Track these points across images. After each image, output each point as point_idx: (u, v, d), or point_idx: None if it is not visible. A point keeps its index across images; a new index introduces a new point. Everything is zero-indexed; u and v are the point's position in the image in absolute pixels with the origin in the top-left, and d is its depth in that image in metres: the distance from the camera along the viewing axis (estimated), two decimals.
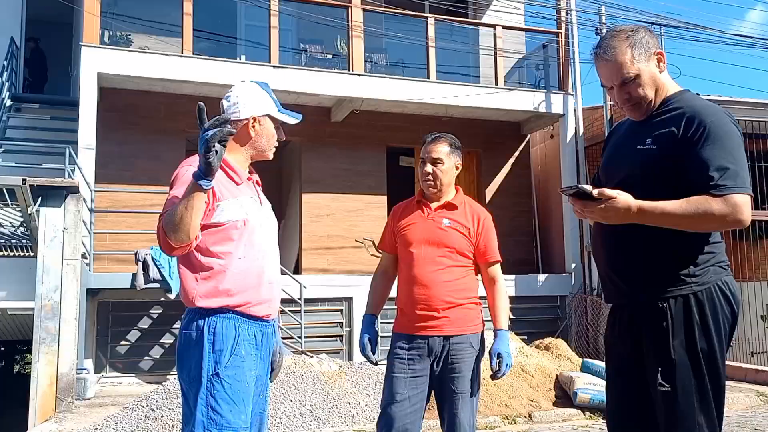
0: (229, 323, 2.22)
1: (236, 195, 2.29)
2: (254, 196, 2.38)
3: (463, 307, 2.97)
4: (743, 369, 8.52)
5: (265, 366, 2.34)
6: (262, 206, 2.40)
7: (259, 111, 2.38)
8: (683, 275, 2.09)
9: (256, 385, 2.29)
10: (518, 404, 6.58)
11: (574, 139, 11.01)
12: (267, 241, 2.37)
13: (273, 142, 2.46)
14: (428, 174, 3.05)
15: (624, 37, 2.15)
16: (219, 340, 2.19)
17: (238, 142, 2.37)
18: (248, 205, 2.31)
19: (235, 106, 2.35)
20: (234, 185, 2.30)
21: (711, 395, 2.06)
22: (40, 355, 6.71)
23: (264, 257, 2.33)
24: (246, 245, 2.28)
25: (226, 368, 2.17)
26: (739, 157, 2.03)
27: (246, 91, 2.39)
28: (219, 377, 2.16)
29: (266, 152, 2.45)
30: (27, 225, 7.18)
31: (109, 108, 9.38)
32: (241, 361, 2.21)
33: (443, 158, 3.04)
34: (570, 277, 10.76)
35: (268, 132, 2.41)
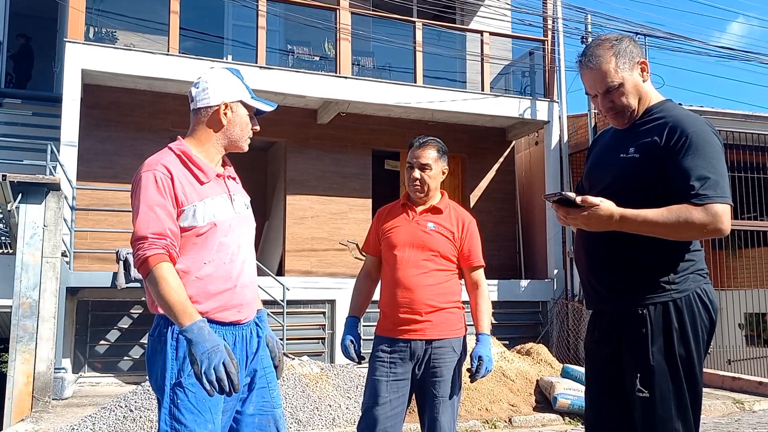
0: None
1: (202, 196, 2.16)
2: (224, 193, 2.24)
3: (446, 311, 2.98)
4: (720, 376, 8.62)
5: (246, 369, 2.23)
6: (234, 203, 2.26)
7: (231, 96, 2.24)
8: (663, 282, 2.11)
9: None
10: (498, 409, 6.61)
11: (558, 146, 11.09)
12: (240, 242, 2.25)
13: (247, 132, 2.30)
14: (416, 180, 3.05)
15: (608, 46, 2.17)
16: (182, 347, 2.07)
17: (209, 132, 2.24)
18: (216, 206, 2.18)
19: (204, 92, 2.22)
20: (199, 185, 2.18)
21: (688, 401, 2.09)
22: (16, 354, 6.62)
23: (235, 260, 2.21)
24: (213, 249, 2.16)
25: (189, 376, 2.05)
26: (720, 167, 2.06)
27: (216, 76, 2.25)
28: (182, 386, 2.06)
29: (240, 142, 2.29)
30: (6, 221, 7.10)
31: (93, 105, 9.30)
32: None
33: (431, 164, 3.05)
34: (552, 282, 10.82)
35: (241, 120, 2.26)
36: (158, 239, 2.05)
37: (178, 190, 2.11)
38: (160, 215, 2.08)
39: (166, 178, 2.11)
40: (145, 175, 2.13)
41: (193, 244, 2.13)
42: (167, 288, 2.00)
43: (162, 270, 2.02)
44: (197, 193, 2.15)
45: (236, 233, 2.23)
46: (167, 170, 2.13)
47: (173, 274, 2.04)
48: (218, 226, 2.17)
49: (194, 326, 1.97)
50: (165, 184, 2.11)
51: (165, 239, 2.06)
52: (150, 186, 2.09)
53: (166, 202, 2.09)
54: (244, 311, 2.23)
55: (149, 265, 2.02)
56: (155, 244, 2.04)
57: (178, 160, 2.18)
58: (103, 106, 9.47)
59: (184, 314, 1.98)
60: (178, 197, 2.11)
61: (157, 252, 2.04)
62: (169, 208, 2.09)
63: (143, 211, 2.07)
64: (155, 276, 2.01)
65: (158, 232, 2.06)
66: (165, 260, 2.04)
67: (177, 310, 1.99)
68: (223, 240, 2.18)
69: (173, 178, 2.12)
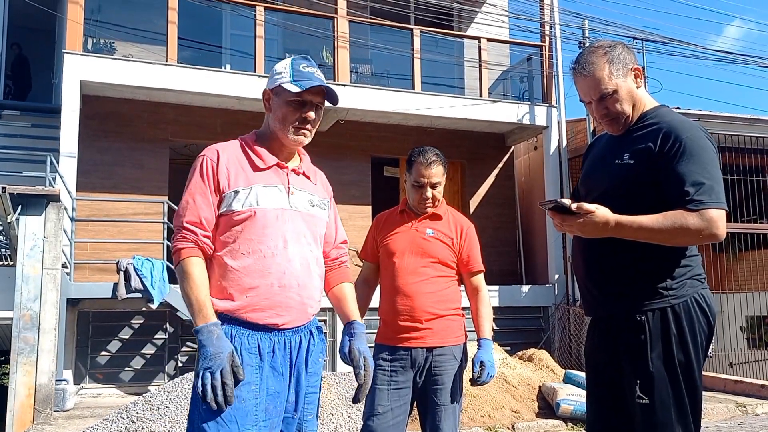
0: (225, 331, 1.98)
1: (251, 182, 2.06)
2: (281, 184, 2.10)
3: (447, 319, 2.98)
4: (722, 380, 8.60)
5: (285, 380, 2.05)
6: (291, 196, 2.11)
7: (273, 82, 2.13)
8: (660, 288, 2.12)
9: (274, 403, 2.02)
10: (501, 415, 6.59)
11: (557, 150, 11.11)
12: (289, 237, 2.07)
13: (290, 121, 2.10)
14: (428, 199, 3.04)
15: (602, 53, 2.18)
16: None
17: (265, 122, 2.19)
18: (264, 194, 2.05)
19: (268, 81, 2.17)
20: (251, 171, 2.08)
21: (688, 407, 2.09)
22: (18, 366, 6.61)
23: (278, 254, 2.04)
24: (252, 239, 2.03)
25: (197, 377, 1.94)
26: (714, 172, 2.06)
27: (277, 65, 2.17)
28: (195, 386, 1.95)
29: (283, 133, 2.12)
30: (6, 233, 7.10)
31: (92, 116, 9.32)
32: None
33: (441, 180, 3.07)
34: (553, 288, 10.81)
35: (279, 108, 2.11)
36: (190, 232, 2.02)
37: (221, 174, 2.05)
38: (198, 203, 2.04)
39: (213, 163, 2.06)
40: (197, 161, 2.10)
41: (233, 231, 2.04)
42: (190, 284, 1.97)
43: (188, 265, 1.99)
44: (247, 178, 2.07)
45: (285, 227, 2.08)
46: (216, 154, 2.08)
47: (199, 271, 2.00)
48: (259, 214, 2.04)
49: (204, 329, 1.92)
50: (210, 169, 2.06)
51: (197, 231, 2.03)
52: (196, 172, 2.07)
53: (206, 189, 2.04)
54: (286, 315, 2.05)
55: (179, 257, 2.01)
56: (187, 237, 2.02)
57: (239, 146, 2.13)
58: (102, 117, 9.48)
59: (199, 314, 1.95)
60: (220, 181, 2.04)
61: (187, 246, 2.01)
62: (208, 195, 2.04)
63: (184, 198, 2.06)
64: (182, 270, 2.00)
65: (192, 221, 2.02)
66: (194, 254, 2.00)
67: (194, 308, 1.96)
68: (266, 231, 2.04)
69: (219, 162, 2.06)
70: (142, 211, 9.41)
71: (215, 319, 1.95)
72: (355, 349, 2.20)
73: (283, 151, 2.17)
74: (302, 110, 2.10)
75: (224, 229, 2.05)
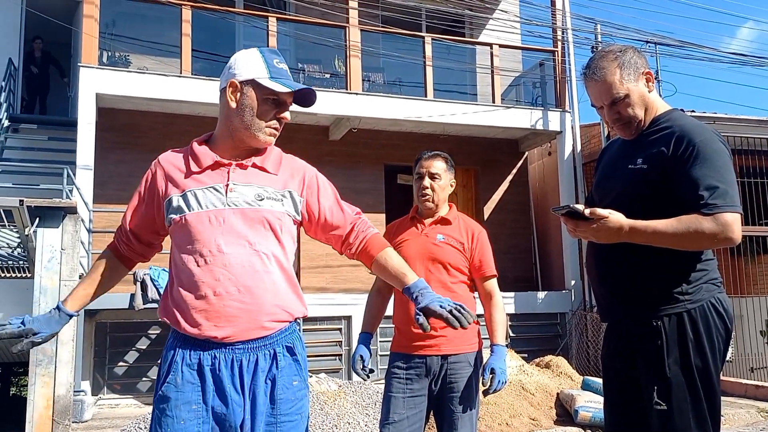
0: (170, 345, 1.90)
1: (183, 188, 1.91)
2: (219, 183, 1.90)
3: None
4: (743, 385, 8.48)
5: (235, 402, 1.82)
6: (229, 193, 1.89)
7: (243, 75, 1.91)
8: (676, 293, 2.10)
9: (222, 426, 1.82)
10: (519, 423, 6.53)
11: (571, 156, 11.05)
12: (222, 241, 1.85)
13: (264, 119, 1.91)
14: (426, 188, 3.04)
15: (613, 57, 2.17)
16: (161, 365, 1.91)
17: (222, 117, 1.97)
18: (194, 198, 1.89)
19: (225, 72, 1.97)
20: (185, 175, 1.94)
21: (707, 412, 2.06)
22: (36, 378, 6.67)
23: (212, 261, 1.84)
24: (184, 247, 1.87)
25: (157, 399, 1.85)
26: (728, 175, 2.04)
27: (240, 55, 1.98)
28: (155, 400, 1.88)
29: (252, 131, 1.91)
30: (24, 246, 7.17)
31: (108, 128, 9.41)
32: (174, 391, 1.83)
33: (441, 174, 3.06)
34: (570, 294, 10.74)
35: (252, 104, 1.90)
36: (118, 231, 2.16)
37: (159, 184, 1.99)
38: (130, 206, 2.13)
39: (151, 173, 2.07)
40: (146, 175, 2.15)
41: (174, 241, 1.96)
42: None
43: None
44: (178, 185, 1.93)
45: (220, 229, 1.86)
46: (158, 163, 2.06)
47: (97, 262, 2.13)
48: (188, 219, 1.88)
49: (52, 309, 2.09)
50: (147, 179, 2.08)
51: (119, 233, 2.15)
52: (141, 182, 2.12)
53: (136, 199, 2.10)
54: (227, 327, 1.82)
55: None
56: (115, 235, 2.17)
57: (185, 151, 2.04)
58: (118, 129, 9.58)
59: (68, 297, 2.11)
60: (157, 191, 1.99)
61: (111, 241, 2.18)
62: (135, 203, 2.09)
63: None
64: None
65: (120, 225, 2.15)
66: (106, 249, 2.16)
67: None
68: (198, 237, 1.86)
69: (156, 172, 2.03)
70: None
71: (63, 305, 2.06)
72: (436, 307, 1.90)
73: (239, 149, 1.96)
74: (278, 110, 1.95)
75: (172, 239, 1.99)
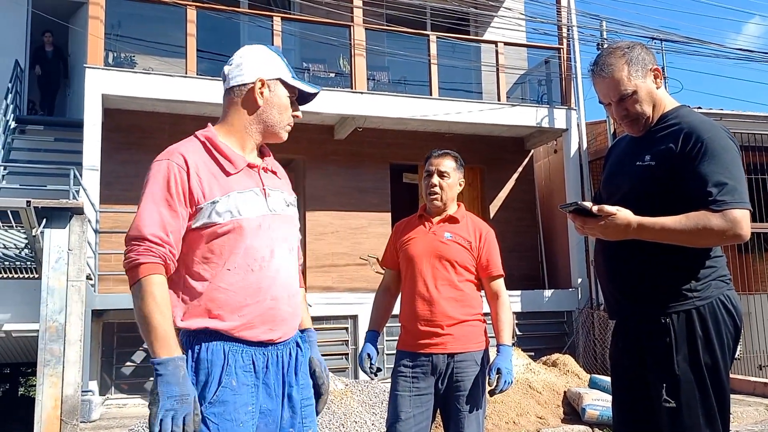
0: (217, 348, 1.80)
1: (226, 190, 1.84)
2: (256, 187, 1.90)
3: (467, 324, 2.96)
4: (752, 382, 8.44)
5: (278, 398, 1.88)
6: (268, 199, 1.91)
7: (269, 73, 1.93)
8: (685, 290, 2.09)
9: (265, 422, 1.85)
10: (526, 421, 6.52)
11: (577, 153, 11.02)
12: (274, 246, 1.88)
13: (287, 118, 1.97)
14: (434, 186, 3.05)
15: (620, 54, 2.16)
16: (203, 369, 1.78)
17: (242, 115, 1.93)
18: (243, 202, 1.85)
19: (238, 68, 1.94)
20: (224, 177, 1.86)
21: (716, 410, 2.05)
22: (44, 378, 6.69)
23: (266, 267, 1.86)
24: (238, 253, 1.82)
25: (211, 404, 1.76)
26: (737, 172, 2.03)
27: (253, 51, 1.97)
28: (203, 415, 1.75)
29: (278, 129, 1.96)
30: (31, 247, 7.20)
31: (114, 129, 9.44)
32: (231, 395, 1.78)
33: (449, 172, 3.06)
34: (576, 292, 10.71)
35: (280, 101, 1.94)
36: (157, 245, 1.75)
37: (194, 184, 1.81)
38: (164, 215, 1.78)
39: (182, 170, 1.82)
40: (158, 165, 1.84)
41: (214, 246, 1.81)
42: (152, 306, 1.70)
43: (151, 284, 1.72)
44: (220, 186, 1.84)
45: (270, 235, 1.88)
46: (184, 160, 1.84)
47: (163, 291, 1.74)
48: (244, 225, 1.83)
49: (171, 362, 1.68)
50: (178, 178, 1.81)
51: (164, 246, 1.76)
52: (160, 178, 1.81)
53: (173, 201, 1.79)
54: (279, 329, 1.88)
55: (139, 273, 1.73)
56: (151, 251, 1.74)
57: (201, 148, 1.90)
58: (124, 130, 9.60)
59: (164, 344, 1.69)
60: (193, 193, 1.81)
61: (152, 261, 1.74)
62: (177, 207, 1.79)
63: (147, 206, 1.79)
64: (142, 288, 1.72)
65: (158, 235, 1.76)
66: (158, 272, 1.74)
67: (158, 335, 1.69)
68: (250, 243, 1.84)
69: (189, 170, 1.82)
70: None
71: (180, 352, 1.73)
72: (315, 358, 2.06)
73: (250, 146, 1.96)
74: (294, 108, 2.01)
75: (202, 244, 1.83)
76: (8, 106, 9.26)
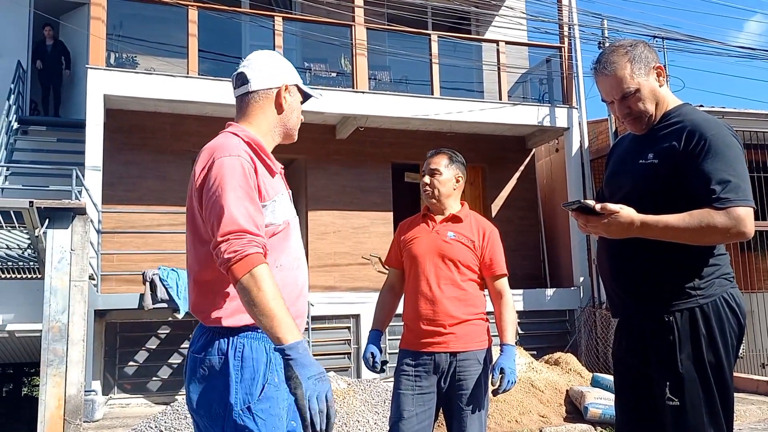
0: (259, 346, 1.82)
1: (276, 191, 1.91)
2: (287, 190, 2.00)
3: (470, 323, 2.97)
4: (755, 381, 8.44)
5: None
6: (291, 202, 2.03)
7: (291, 79, 2.04)
8: (688, 288, 2.09)
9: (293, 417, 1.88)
10: (528, 420, 6.53)
11: (579, 152, 11.02)
12: (301, 245, 2.02)
13: (299, 120, 2.10)
14: (426, 185, 3.11)
15: (623, 52, 2.16)
16: (248, 367, 1.80)
17: (268, 117, 2.00)
18: (287, 203, 1.95)
19: (261, 72, 1.99)
20: (271, 178, 1.92)
21: (720, 408, 2.05)
22: (47, 378, 6.70)
23: (300, 265, 1.98)
24: (284, 251, 1.91)
25: (260, 401, 1.78)
26: (741, 169, 2.03)
27: (273, 56, 2.06)
28: (251, 412, 1.76)
29: (293, 131, 2.08)
30: (34, 247, 7.21)
31: (116, 129, 9.45)
32: (275, 391, 1.81)
33: (441, 169, 3.07)
34: (578, 290, 10.71)
35: (297, 106, 2.07)
36: (257, 236, 1.75)
37: (260, 182, 1.86)
38: (250, 209, 1.78)
39: (251, 168, 1.85)
40: (230, 161, 1.81)
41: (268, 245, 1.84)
42: (271, 294, 1.68)
43: (265, 273, 1.70)
44: (272, 187, 1.90)
45: (298, 235, 2.01)
46: (250, 158, 1.86)
47: (273, 279, 1.72)
48: (291, 225, 1.94)
49: (299, 345, 1.67)
50: (251, 175, 1.84)
51: (262, 237, 1.77)
52: (238, 174, 1.79)
53: (254, 196, 1.82)
54: (302, 324, 1.95)
55: (250, 264, 1.69)
56: (255, 242, 1.73)
57: (248, 148, 1.91)
58: (126, 130, 9.62)
59: (289, 328, 1.67)
60: (261, 191, 1.85)
61: (258, 251, 1.72)
62: (258, 201, 1.82)
63: (236, 200, 1.76)
64: (257, 279, 1.69)
65: (253, 228, 1.75)
66: (265, 262, 1.74)
67: (281, 322, 1.67)
68: (292, 242, 1.95)
69: (257, 169, 1.86)
70: (166, 222, 9.50)
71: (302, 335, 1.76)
72: None
73: (270, 149, 2.02)
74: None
75: None
76: (11, 107, 9.27)
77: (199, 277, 1.88)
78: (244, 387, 1.78)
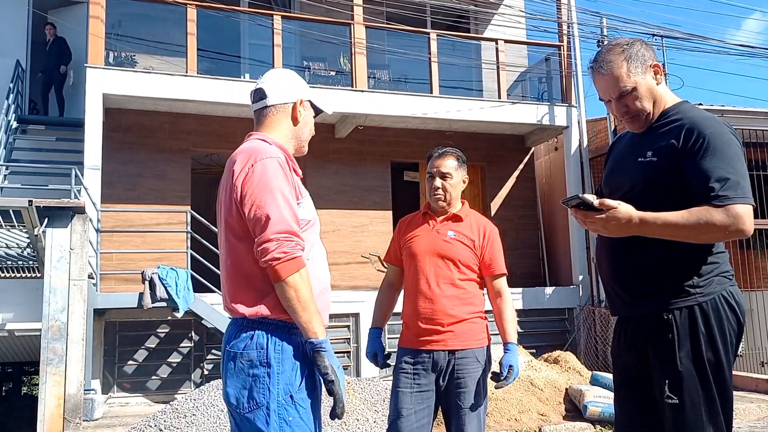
0: (294, 339, 1.95)
1: (303, 192, 2.09)
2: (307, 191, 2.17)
3: (468, 322, 2.97)
4: (754, 379, 8.44)
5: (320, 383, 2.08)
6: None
7: (305, 94, 2.17)
8: (687, 286, 2.08)
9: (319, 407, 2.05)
10: (528, 418, 6.53)
11: (578, 150, 11.02)
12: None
13: (311, 134, 2.22)
14: (437, 188, 3.06)
15: (620, 50, 2.16)
16: (287, 359, 1.93)
17: (285, 130, 2.14)
18: (311, 203, 2.13)
19: (279, 87, 2.13)
20: (298, 179, 2.08)
21: (719, 406, 2.05)
22: (47, 376, 6.71)
23: (325, 259, 2.14)
24: (314, 245, 2.06)
25: (300, 390, 1.92)
26: (739, 167, 2.03)
27: (288, 73, 2.21)
28: (293, 401, 1.90)
29: (305, 144, 2.21)
30: (33, 246, 7.21)
31: (115, 128, 9.45)
32: (313, 382, 1.98)
33: (452, 172, 3.06)
34: (577, 289, 10.71)
35: (310, 119, 2.21)
36: (300, 239, 1.93)
37: (296, 182, 2.03)
38: (296, 209, 1.96)
39: (288, 169, 2.00)
40: (270, 162, 1.95)
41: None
42: (310, 296, 1.89)
43: (306, 275, 1.90)
44: (302, 188, 2.09)
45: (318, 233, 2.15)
46: (286, 160, 2.01)
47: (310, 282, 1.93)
48: (316, 223, 2.11)
49: (326, 343, 1.90)
50: (291, 174, 2.00)
51: (303, 240, 1.95)
52: (280, 176, 1.94)
53: (294, 196, 1.98)
54: (326, 318, 2.09)
55: (298, 266, 1.89)
56: (300, 245, 1.92)
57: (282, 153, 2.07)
58: (125, 129, 9.61)
59: (321, 326, 1.90)
60: (296, 188, 2.02)
61: (302, 254, 1.92)
62: (291, 198, 1.97)
63: (282, 202, 1.91)
64: (303, 279, 1.89)
65: (297, 230, 1.93)
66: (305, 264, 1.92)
67: (316, 321, 1.89)
68: (317, 240, 2.11)
69: (295, 171, 2.06)
70: (165, 221, 9.51)
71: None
72: None
73: None
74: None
75: None
76: (10, 106, 9.26)
77: (235, 272, 1.98)
78: (285, 377, 1.91)
